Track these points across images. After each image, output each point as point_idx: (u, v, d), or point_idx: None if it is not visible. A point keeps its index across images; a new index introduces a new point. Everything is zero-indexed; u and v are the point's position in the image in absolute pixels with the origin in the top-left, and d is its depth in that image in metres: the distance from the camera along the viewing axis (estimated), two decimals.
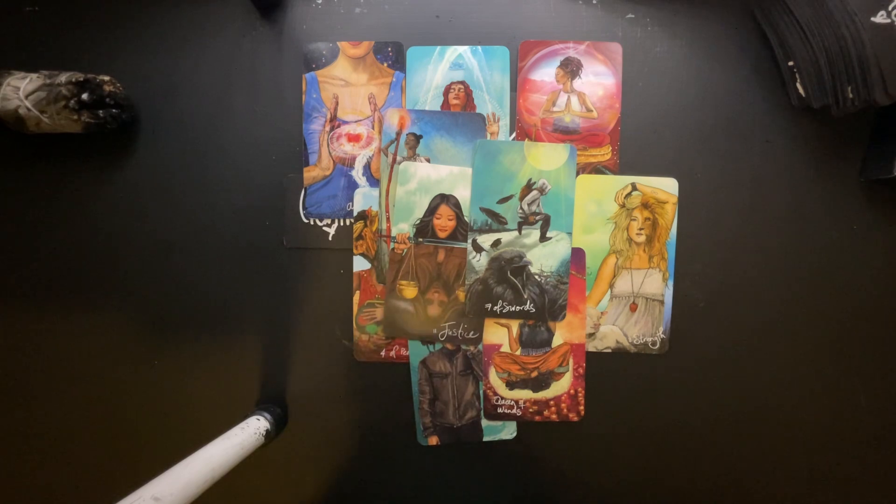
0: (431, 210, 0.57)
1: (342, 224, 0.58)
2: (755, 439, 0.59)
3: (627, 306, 0.58)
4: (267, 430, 0.55)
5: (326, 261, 0.59)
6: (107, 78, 0.55)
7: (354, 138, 0.58)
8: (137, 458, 0.61)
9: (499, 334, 0.58)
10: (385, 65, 0.57)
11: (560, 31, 0.57)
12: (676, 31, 0.56)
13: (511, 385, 0.58)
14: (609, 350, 0.58)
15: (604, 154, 0.57)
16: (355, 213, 0.58)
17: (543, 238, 0.56)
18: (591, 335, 0.58)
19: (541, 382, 0.58)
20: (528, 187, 0.56)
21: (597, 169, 0.57)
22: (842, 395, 0.58)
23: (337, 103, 0.58)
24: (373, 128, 0.58)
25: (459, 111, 0.57)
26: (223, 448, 0.48)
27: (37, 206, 0.59)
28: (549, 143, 0.56)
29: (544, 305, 0.57)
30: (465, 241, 0.57)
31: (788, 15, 0.51)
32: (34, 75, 0.53)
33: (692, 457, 0.60)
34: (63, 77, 0.53)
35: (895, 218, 0.56)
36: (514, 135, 0.57)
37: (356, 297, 0.58)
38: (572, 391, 0.59)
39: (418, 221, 0.57)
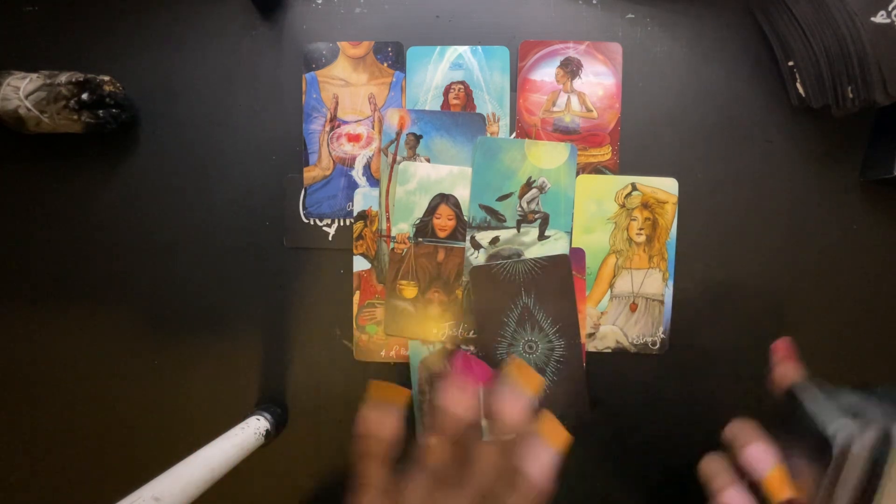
0: (431, 210, 0.57)
1: (342, 224, 0.58)
2: None
3: (627, 306, 0.58)
4: (267, 430, 0.55)
5: (326, 261, 0.59)
6: (107, 78, 0.55)
7: (354, 138, 0.58)
8: (137, 458, 0.61)
9: None
10: (385, 65, 0.57)
11: (560, 31, 0.57)
12: (676, 31, 0.56)
13: None
14: (609, 350, 0.58)
15: (604, 154, 0.57)
16: (355, 213, 0.58)
17: (542, 236, 0.56)
18: (591, 335, 0.58)
19: None
20: (528, 185, 0.56)
21: (597, 169, 0.57)
22: None
23: (337, 103, 0.58)
24: (373, 128, 0.58)
25: (459, 111, 0.57)
26: (223, 448, 0.48)
27: (37, 206, 0.59)
28: (549, 142, 0.56)
29: None
30: (465, 241, 0.57)
31: (788, 15, 0.51)
32: (34, 75, 0.53)
33: (692, 457, 0.59)
34: (63, 77, 0.53)
35: (895, 218, 0.56)
36: (513, 135, 0.57)
37: (356, 297, 0.58)
38: None
39: (418, 221, 0.57)
